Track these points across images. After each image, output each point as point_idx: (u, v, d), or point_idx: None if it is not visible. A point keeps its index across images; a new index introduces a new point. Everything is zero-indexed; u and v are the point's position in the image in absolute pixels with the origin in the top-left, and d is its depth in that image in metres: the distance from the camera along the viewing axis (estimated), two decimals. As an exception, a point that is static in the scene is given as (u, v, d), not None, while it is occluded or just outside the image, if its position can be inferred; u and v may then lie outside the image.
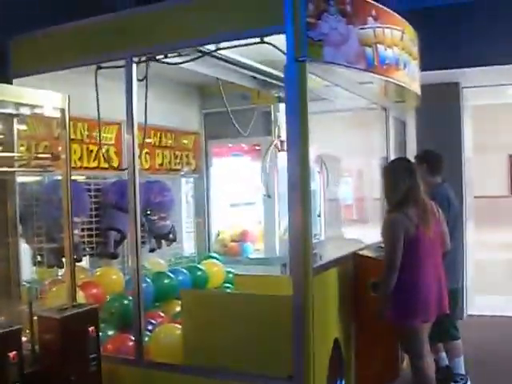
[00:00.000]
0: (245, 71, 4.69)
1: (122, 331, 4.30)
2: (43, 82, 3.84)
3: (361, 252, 4.32)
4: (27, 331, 3.40)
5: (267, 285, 4.16)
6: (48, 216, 4.17)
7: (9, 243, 3.86)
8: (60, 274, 4.34)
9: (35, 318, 3.41)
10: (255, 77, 4.95)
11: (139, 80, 3.93)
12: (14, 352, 3.07)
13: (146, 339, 4.03)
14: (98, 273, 4.77)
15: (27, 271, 4.29)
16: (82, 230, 4.61)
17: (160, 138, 5.62)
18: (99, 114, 4.31)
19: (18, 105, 3.58)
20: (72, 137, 4.08)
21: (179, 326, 4.00)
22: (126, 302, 4.35)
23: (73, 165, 4.04)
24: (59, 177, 3.71)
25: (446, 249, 4.13)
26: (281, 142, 5.42)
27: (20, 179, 4.03)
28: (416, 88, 4.60)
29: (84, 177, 4.79)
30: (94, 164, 4.79)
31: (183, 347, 3.80)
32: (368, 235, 4.84)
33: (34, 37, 4.29)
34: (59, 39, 4.21)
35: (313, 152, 3.54)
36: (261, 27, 3.45)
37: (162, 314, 4.62)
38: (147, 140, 5.26)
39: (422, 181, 4.06)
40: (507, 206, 15.88)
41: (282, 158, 5.15)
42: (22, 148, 4.01)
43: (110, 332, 4.29)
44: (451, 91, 7.09)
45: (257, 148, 6.20)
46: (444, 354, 4.76)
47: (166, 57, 3.95)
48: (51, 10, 4.80)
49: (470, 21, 6.27)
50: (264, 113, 5.93)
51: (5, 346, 3.05)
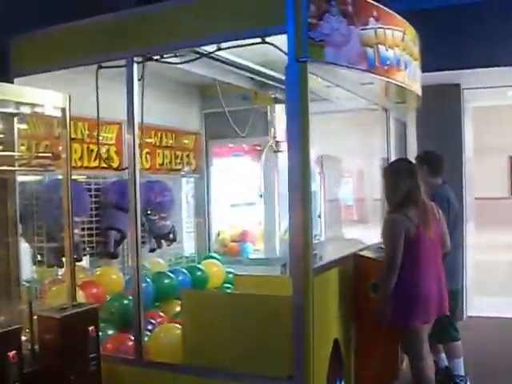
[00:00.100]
0: (242, 72, 4.69)
1: (122, 331, 4.30)
2: (45, 82, 3.84)
3: (361, 253, 4.32)
4: (27, 331, 3.39)
5: (267, 285, 4.16)
6: (48, 215, 4.17)
7: (9, 242, 3.86)
8: (60, 274, 4.34)
9: (35, 318, 3.40)
10: (252, 78, 4.94)
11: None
12: (14, 351, 3.06)
13: (146, 339, 4.03)
14: (98, 272, 4.77)
15: (27, 271, 4.29)
16: (82, 230, 4.61)
17: (161, 138, 5.62)
18: (99, 114, 4.30)
19: (19, 104, 3.58)
20: (72, 136, 4.07)
21: (179, 326, 4.00)
22: (126, 302, 4.35)
23: (73, 164, 4.05)
24: (59, 176, 3.71)
25: (446, 250, 4.13)
26: (276, 143, 5.42)
27: (20, 178, 4.04)
28: (417, 89, 4.60)
29: (84, 176, 4.79)
30: (95, 164, 4.78)
31: (183, 347, 3.80)
32: (368, 236, 4.84)
33: (35, 36, 4.29)
34: (60, 39, 4.21)
35: (313, 152, 3.54)
36: (262, 27, 3.45)
37: (162, 314, 4.62)
38: (148, 140, 5.29)
39: (423, 182, 4.07)
40: (507, 208, 15.90)
41: (283, 159, 5.16)
42: (23, 147, 4.02)
43: (110, 332, 4.28)
44: (452, 92, 7.08)
45: (257, 148, 6.20)
46: (444, 355, 4.75)
47: (162, 57, 3.93)
48: (52, 10, 4.81)
49: (471, 22, 6.27)
50: (264, 113, 5.92)
51: (5, 346, 3.04)
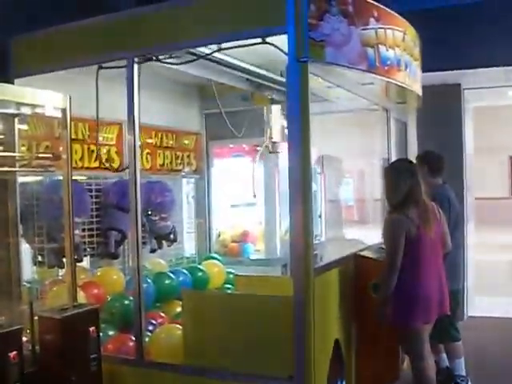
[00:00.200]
0: (239, 73, 4.68)
1: (123, 331, 4.29)
2: (45, 83, 3.84)
3: (362, 253, 4.32)
4: (28, 331, 3.40)
5: (268, 285, 4.17)
6: (49, 216, 4.17)
7: (9, 243, 3.86)
8: (61, 274, 4.34)
9: (36, 318, 3.41)
10: (249, 79, 4.93)
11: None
12: (15, 352, 3.07)
13: (147, 339, 4.03)
14: (99, 273, 4.77)
15: (28, 271, 4.29)
16: (83, 230, 4.60)
17: (161, 139, 5.61)
18: (98, 115, 4.30)
19: (19, 105, 3.58)
20: (73, 137, 4.06)
21: (180, 327, 4.00)
22: (127, 303, 4.35)
23: (74, 165, 4.04)
24: (60, 177, 3.71)
25: (447, 250, 4.13)
26: (272, 144, 5.42)
27: (21, 179, 4.03)
28: (417, 89, 4.60)
29: (85, 177, 4.78)
30: (95, 164, 4.77)
31: (184, 347, 3.79)
32: (369, 236, 4.84)
33: (36, 37, 4.29)
34: (60, 39, 4.20)
35: (314, 153, 3.54)
36: (262, 28, 3.45)
37: (163, 315, 4.62)
38: (148, 140, 5.29)
39: (423, 182, 4.06)
40: (507, 208, 15.91)
41: (283, 159, 5.15)
42: (23, 148, 4.02)
43: (111, 332, 4.28)
44: (452, 92, 7.08)
45: (258, 149, 6.19)
46: (445, 356, 4.75)
47: (158, 58, 3.91)
48: (52, 10, 4.81)
49: (472, 22, 6.28)
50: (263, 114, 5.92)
51: (5, 346, 3.05)
